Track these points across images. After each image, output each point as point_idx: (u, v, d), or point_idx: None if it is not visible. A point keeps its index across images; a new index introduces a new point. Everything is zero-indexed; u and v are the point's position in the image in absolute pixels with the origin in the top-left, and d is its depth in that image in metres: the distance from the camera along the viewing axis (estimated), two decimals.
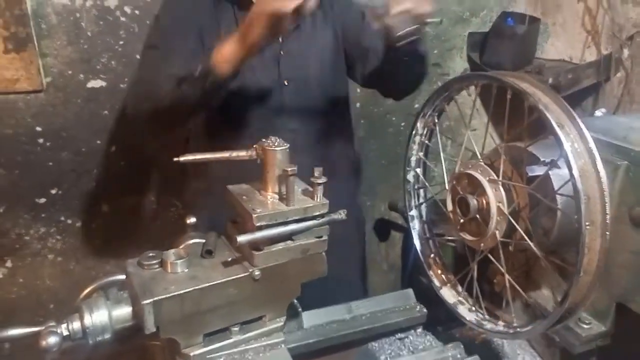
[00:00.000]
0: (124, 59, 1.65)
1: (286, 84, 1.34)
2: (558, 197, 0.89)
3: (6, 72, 1.52)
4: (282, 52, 1.33)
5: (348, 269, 1.55)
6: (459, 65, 2.12)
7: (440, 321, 1.21)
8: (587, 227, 0.77)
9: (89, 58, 1.61)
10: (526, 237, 0.88)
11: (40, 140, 1.63)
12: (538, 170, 0.92)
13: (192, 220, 0.97)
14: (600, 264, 0.80)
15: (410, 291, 1.19)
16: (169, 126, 1.30)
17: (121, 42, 1.63)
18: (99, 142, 1.69)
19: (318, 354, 1.06)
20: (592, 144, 0.79)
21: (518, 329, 0.92)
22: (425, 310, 1.16)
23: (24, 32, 1.50)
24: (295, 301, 1.05)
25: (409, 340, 1.14)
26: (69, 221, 1.74)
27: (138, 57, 1.65)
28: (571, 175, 0.76)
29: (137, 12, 1.62)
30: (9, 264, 1.72)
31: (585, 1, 1.80)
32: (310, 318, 1.08)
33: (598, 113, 1.18)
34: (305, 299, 1.00)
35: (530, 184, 0.91)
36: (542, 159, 0.94)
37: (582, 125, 0.81)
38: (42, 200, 1.69)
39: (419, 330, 1.16)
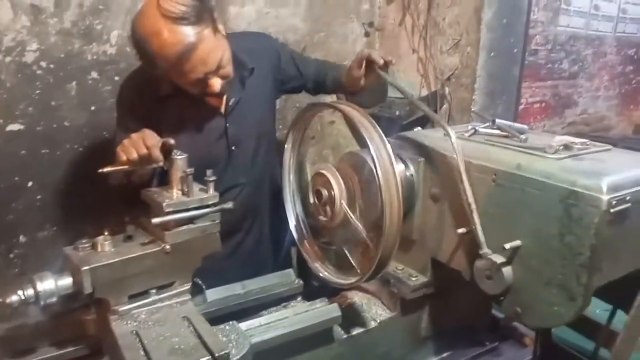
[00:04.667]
0: (40, 106, 1.89)
1: (233, 149, 1.62)
2: None
3: None
4: (227, 125, 1.58)
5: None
6: None
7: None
8: (387, 200, 1.18)
9: (8, 105, 1.83)
10: (354, 219, 1.29)
11: None
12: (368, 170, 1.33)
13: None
14: (398, 221, 1.20)
15: (290, 271, 1.54)
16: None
17: (37, 92, 1.88)
18: (17, 178, 1.89)
19: (221, 320, 1.36)
20: (387, 145, 1.20)
21: (354, 279, 1.31)
22: (302, 282, 1.51)
23: None
24: (200, 281, 1.36)
25: (291, 306, 1.48)
26: None
27: (53, 103, 1.92)
28: (373, 162, 1.18)
29: (52, 65, 1.89)
30: None
31: (417, 53, 2.38)
32: (212, 294, 1.39)
33: (415, 129, 1.64)
34: None
35: (363, 181, 1.32)
36: (368, 161, 1.36)
37: (381, 133, 1.23)
38: None
39: (299, 299, 1.51)
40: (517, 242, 1.13)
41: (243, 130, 1.63)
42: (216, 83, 1.43)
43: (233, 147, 1.62)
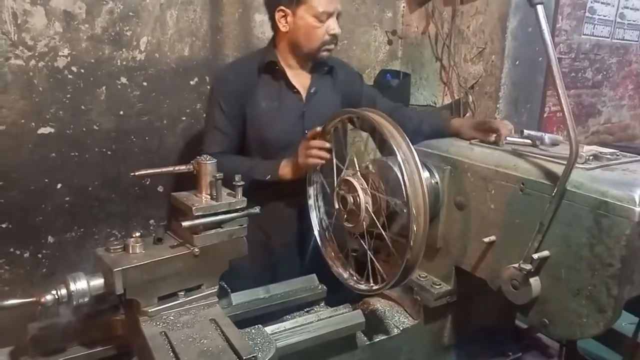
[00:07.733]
0: (71, 109, 1.94)
1: (307, 132, 1.68)
2: None
3: None
4: (305, 110, 1.73)
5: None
6: None
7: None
8: (414, 207, 1.18)
9: (40, 110, 1.88)
10: (380, 226, 1.29)
11: None
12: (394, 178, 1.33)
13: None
14: (424, 229, 1.21)
15: (314, 276, 1.54)
16: None
17: (68, 96, 1.92)
18: (46, 180, 1.94)
19: (245, 323, 1.37)
20: (414, 152, 1.21)
21: (378, 286, 1.31)
22: (325, 288, 1.52)
23: None
24: (225, 285, 1.38)
25: (314, 311, 1.49)
26: (18, 252, 1.94)
27: (83, 107, 1.97)
28: (400, 170, 1.18)
29: (82, 70, 1.93)
30: None
31: (441, 61, 2.38)
32: (238, 297, 1.41)
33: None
34: None
35: (389, 189, 1.32)
36: (395, 169, 1.36)
37: (409, 141, 1.23)
38: None
39: (322, 304, 1.52)
40: (546, 252, 1.13)
41: (315, 119, 1.71)
42: (335, 23, 1.67)
43: (306, 132, 1.69)
